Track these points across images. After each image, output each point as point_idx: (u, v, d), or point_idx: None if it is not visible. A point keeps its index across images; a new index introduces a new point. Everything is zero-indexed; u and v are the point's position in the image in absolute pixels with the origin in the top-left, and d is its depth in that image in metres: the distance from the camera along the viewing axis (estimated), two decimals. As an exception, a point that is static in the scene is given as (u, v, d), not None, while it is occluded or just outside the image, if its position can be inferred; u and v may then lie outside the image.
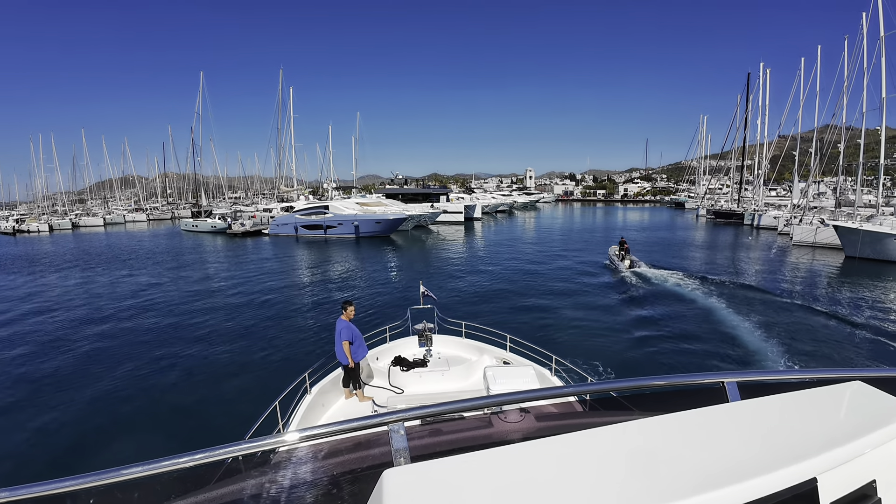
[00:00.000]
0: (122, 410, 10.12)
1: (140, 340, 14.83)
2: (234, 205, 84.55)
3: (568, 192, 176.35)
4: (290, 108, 64.56)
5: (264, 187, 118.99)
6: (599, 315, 17.04)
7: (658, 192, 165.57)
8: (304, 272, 27.53)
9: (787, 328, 15.49)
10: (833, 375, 1.92)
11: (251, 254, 36.21)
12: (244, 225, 52.07)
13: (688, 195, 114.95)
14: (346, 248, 38.59)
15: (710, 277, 23.85)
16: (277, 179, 73.87)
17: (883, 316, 17.30)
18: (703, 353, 13.23)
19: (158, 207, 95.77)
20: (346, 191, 76.38)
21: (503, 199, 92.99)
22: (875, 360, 13.00)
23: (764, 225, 50.28)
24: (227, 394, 10.80)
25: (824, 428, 1.43)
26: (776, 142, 58.53)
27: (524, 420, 2.25)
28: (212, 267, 29.87)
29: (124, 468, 1.47)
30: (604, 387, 2.35)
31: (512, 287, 22.45)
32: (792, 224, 38.60)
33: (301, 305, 19.03)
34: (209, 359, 13.02)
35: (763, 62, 60.25)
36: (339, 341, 7.22)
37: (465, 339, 9.22)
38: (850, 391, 1.69)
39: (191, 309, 18.64)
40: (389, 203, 52.79)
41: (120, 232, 62.75)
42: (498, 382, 5.93)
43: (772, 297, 20.44)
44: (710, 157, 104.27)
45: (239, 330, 15.67)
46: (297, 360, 12.56)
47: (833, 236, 33.09)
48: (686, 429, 1.47)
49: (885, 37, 31.35)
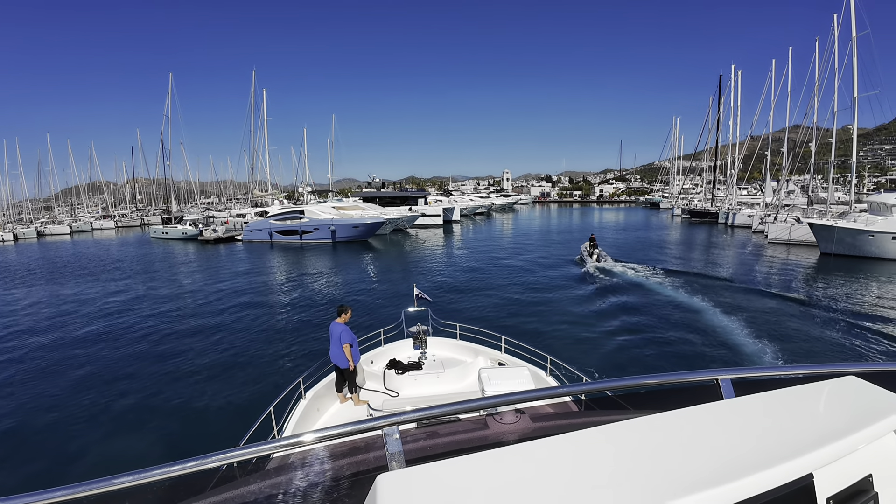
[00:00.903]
0: (91, 434, 9.28)
1: (110, 358, 13.68)
2: (206, 210, 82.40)
3: (545, 194, 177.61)
4: (264, 111, 63.01)
5: (238, 192, 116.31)
6: (565, 305, 18.70)
7: (633, 192, 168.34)
8: (281, 280, 26.37)
9: (767, 322, 15.67)
10: (826, 371, 1.93)
11: (224, 261, 34.73)
12: (216, 231, 50.31)
13: (662, 195, 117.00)
14: (322, 253, 37.44)
15: (687, 273, 25.19)
16: (251, 184, 71.86)
17: (862, 309, 17.64)
18: (672, 342, 13.93)
19: (127, 214, 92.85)
20: (322, 195, 74.68)
21: (481, 202, 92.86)
22: (858, 352, 13.09)
23: (738, 223, 51.13)
24: (209, 412, 10.04)
25: (819, 423, 1.43)
26: (748, 142, 59.75)
27: (520, 421, 2.23)
28: (183, 277, 28.39)
29: (115, 477, 1.45)
30: (599, 386, 2.26)
31: (492, 284, 23.09)
32: (767, 222, 39.13)
33: (279, 315, 18.02)
34: (186, 377, 12.01)
35: (734, 64, 61.49)
36: (339, 344, 7.14)
37: (459, 340, 9.12)
38: (843, 386, 1.69)
39: (162, 324, 17.44)
40: (366, 207, 51.73)
41: (87, 240, 60.33)
42: (492, 384, 5.85)
43: (750, 291, 20.83)
44: (684, 157, 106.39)
45: (217, 345, 14.61)
46: (280, 372, 11.83)
47: (808, 234, 33.62)
48: (681, 427, 1.47)
49: (857, 37, 32.03)
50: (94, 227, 78.93)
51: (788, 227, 36.20)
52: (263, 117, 63.18)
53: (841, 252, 30.16)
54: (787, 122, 48.90)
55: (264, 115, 63.25)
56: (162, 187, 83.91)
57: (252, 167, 67.13)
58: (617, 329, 15.22)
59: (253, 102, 62.93)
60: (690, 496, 1.10)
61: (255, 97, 63.08)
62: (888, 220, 29.02)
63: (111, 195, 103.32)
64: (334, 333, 7.30)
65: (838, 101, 34.93)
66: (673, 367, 11.92)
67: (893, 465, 1.45)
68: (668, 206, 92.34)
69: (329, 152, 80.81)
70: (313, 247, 41.57)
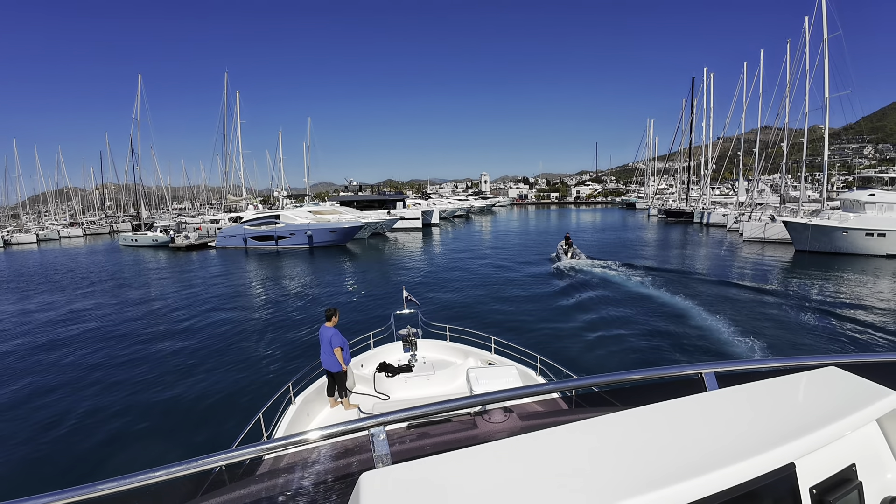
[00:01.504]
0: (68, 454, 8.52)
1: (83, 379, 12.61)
2: (178, 216, 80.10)
3: (522, 196, 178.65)
4: (237, 114, 61.18)
5: (212, 197, 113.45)
6: (543, 301, 19.54)
7: (608, 193, 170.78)
8: (256, 288, 25.36)
9: (747, 317, 15.82)
10: (808, 363, 1.94)
11: (197, 269, 33.35)
12: (188, 238, 48.67)
13: (637, 196, 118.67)
14: (299, 259, 36.39)
15: (665, 270, 25.79)
16: (225, 189, 69.86)
17: (839, 302, 18.04)
18: (649, 336, 14.26)
19: (96, 221, 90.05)
20: (298, 199, 73.26)
21: (460, 204, 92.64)
22: (839, 343, 13.22)
23: (713, 223, 51.96)
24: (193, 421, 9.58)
25: (801, 413, 1.44)
26: (721, 142, 60.91)
27: (508, 420, 2.22)
28: (153, 286, 27.04)
29: (100, 483, 1.42)
30: (585, 382, 2.18)
31: (475, 285, 23.24)
32: (742, 221, 39.71)
33: (251, 325, 17.13)
34: (157, 389, 11.10)
35: (707, 67, 62.55)
36: (329, 348, 7.10)
37: (449, 342, 9.15)
38: (825, 376, 1.70)
39: (130, 338, 16.38)
40: (344, 211, 50.68)
41: (55, 249, 57.99)
42: (480, 383, 5.86)
43: (728, 287, 21.08)
44: (658, 158, 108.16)
45: (192, 358, 13.68)
46: (262, 384, 11.05)
47: (782, 231, 34.19)
48: (665, 419, 1.48)
49: (829, 39, 32.73)
50: (61, 235, 76.30)
51: (763, 225, 36.79)
52: (237, 120, 61.39)
53: (815, 249, 30.70)
54: (759, 122, 50.01)
55: (237, 118, 61.47)
56: (132, 193, 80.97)
57: (225, 171, 65.17)
58: (593, 323, 15.59)
59: (225, 105, 61.10)
60: (675, 486, 1.10)
61: (228, 99, 61.27)
62: (861, 217, 29.68)
63: (80, 202, 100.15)
64: (324, 337, 7.23)
65: (809, 101, 35.68)
66: (649, 361, 12.27)
67: (876, 454, 1.47)
68: (643, 207, 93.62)
69: (305, 156, 79.38)
70: (290, 252, 40.43)
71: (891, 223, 29.25)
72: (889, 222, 29.30)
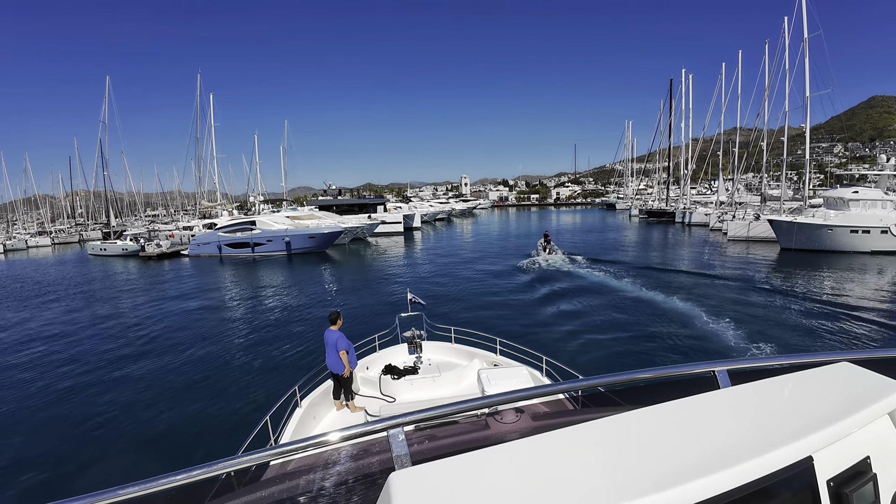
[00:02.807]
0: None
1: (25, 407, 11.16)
2: (151, 223, 77.15)
3: (503, 198, 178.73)
4: (211, 116, 58.98)
5: (187, 203, 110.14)
6: (517, 289, 21.52)
7: (588, 194, 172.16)
8: (230, 300, 23.88)
9: (741, 315, 15.81)
10: (820, 359, 1.93)
11: (169, 279, 31.53)
12: (160, 246, 46.45)
13: (617, 196, 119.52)
14: (277, 267, 34.84)
15: (652, 268, 26.75)
16: (199, 194, 67.36)
17: (832, 299, 18.21)
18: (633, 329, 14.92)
19: (64, 230, 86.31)
20: (276, 204, 71.03)
21: (441, 207, 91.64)
22: (840, 339, 13.28)
23: (695, 222, 52.13)
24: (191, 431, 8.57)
25: (816, 408, 1.46)
26: (700, 143, 61.32)
27: (520, 420, 2.26)
28: (118, 300, 25.29)
29: (120, 488, 1.44)
30: (595, 382, 2.17)
31: (463, 286, 23.50)
32: (726, 220, 39.68)
33: (228, 343, 15.81)
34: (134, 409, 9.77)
35: (685, 68, 63.16)
36: (335, 351, 7.07)
37: (454, 344, 9.10)
38: (838, 372, 1.71)
39: (83, 362, 14.90)
40: (323, 216, 49.00)
41: (22, 259, 55.41)
42: (492, 384, 5.82)
43: (717, 285, 21.06)
44: (637, 159, 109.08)
45: (149, 389, 12.34)
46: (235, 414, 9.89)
47: (766, 230, 34.19)
48: (680, 417, 1.48)
49: (809, 38, 32.82)
50: (29, 244, 73.39)
51: (747, 224, 36.78)
52: (211, 122, 59.20)
53: (801, 247, 30.66)
54: (738, 122, 50.39)
55: (211, 121, 59.28)
56: (103, 200, 77.70)
57: (199, 176, 62.88)
58: (592, 325, 15.67)
59: (198, 107, 58.91)
60: (693, 482, 1.11)
61: (201, 102, 59.16)
62: (845, 215, 29.75)
63: (50, 210, 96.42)
64: (329, 341, 7.20)
65: (789, 101, 35.82)
66: (651, 358, 12.39)
67: (889, 446, 1.49)
68: (624, 207, 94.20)
69: (282, 160, 77.35)
70: (267, 260, 38.78)
71: (874, 220, 29.42)
72: (872, 219, 29.46)
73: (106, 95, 57.01)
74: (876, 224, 29.32)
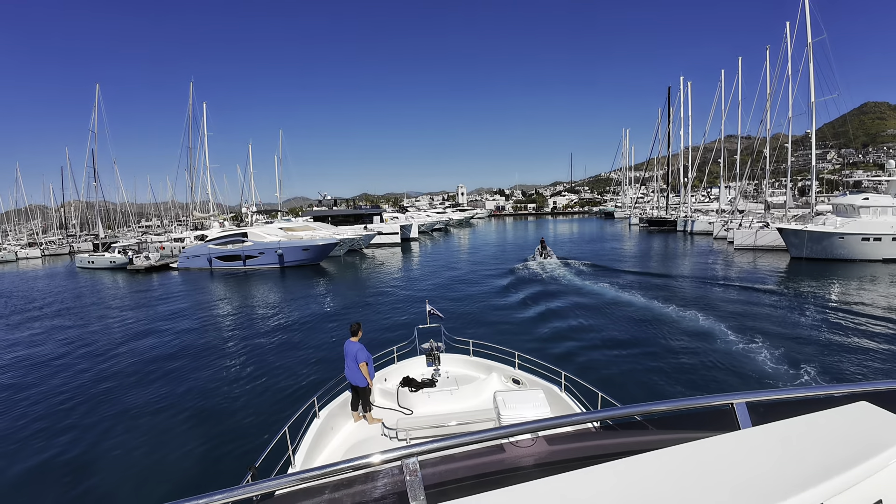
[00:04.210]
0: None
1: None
2: (144, 234, 75.84)
3: (500, 208, 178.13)
4: (204, 125, 57.69)
5: (182, 214, 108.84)
6: (518, 305, 21.22)
7: (585, 203, 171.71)
8: (218, 318, 22.59)
9: (769, 334, 14.57)
10: (840, 391, 1.96)
11: (156, 294, 30.08)
12: (149, 258, 45.11)
13: (615, 205, 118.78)
14: (269, 280, 33.54)
15: (658, 275, 26.94)
16: (191, 205, 66.01)
17: (855, 312, 17.30)
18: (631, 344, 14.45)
19: (55, 241, 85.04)
20: (271, 215, 69.76)
21: (439, 217, 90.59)
22: (863, 365, 12.10)
23: (698, 230, 51.18)
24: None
25: (831, 452, 1.48)
26: (701, 150, 60.63)
27: (535, 445, 2.28)
28: (104, 316, 23.95)
29: None
30: (612, 413, 2.19)
31: (468, 296, 23.43)
32: (732, 228, 38.72)
33: (212, 372, 14.54)
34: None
35: (683, 76, 62.48)
36: (355, 363, 7.08)
37: (473, 357, 9.07)
38: (855, 412, 1.73)
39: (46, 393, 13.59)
40: (318, 227, 47.74)
41: (11, 272, 53.88)
42: (508, 407, 5.68)
43: (737, 300, 19.89)
44: (635, 167, 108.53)
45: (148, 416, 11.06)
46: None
47: (775, 239, 33.25)
48: (696, 460, 1.53)
49: (813, 43, 32.12)
50: (18, 256, 72.46)
51: (754, 232, 35.82)
52: (203, 132, 57.88)
53: (812, 256, 29.70)
54: (739, 130, 49.70)
55: (204, 130, 57.91)
56: (95, 211, 76.37)
57: (192, 186, 61.60)
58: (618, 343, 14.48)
59: (190, 116, 57.68)
60: None
61: (194, 111, 58.03)
62: (857, 222, 28.85)
63: (44, 220, 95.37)
64: (350, 352, 7.20)
65: (793, 107, 35.06)
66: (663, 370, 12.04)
67: None
68: (622, 216, 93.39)
69: (277, 170, 76.30)
70: (259, 274, 37.40)
71: (885, 227, 28.56)
72: (884, 226, 28.61)
73: (96, 104, 55.86)
74: (888, 231, 28.46)
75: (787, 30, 34.66)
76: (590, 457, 1.71)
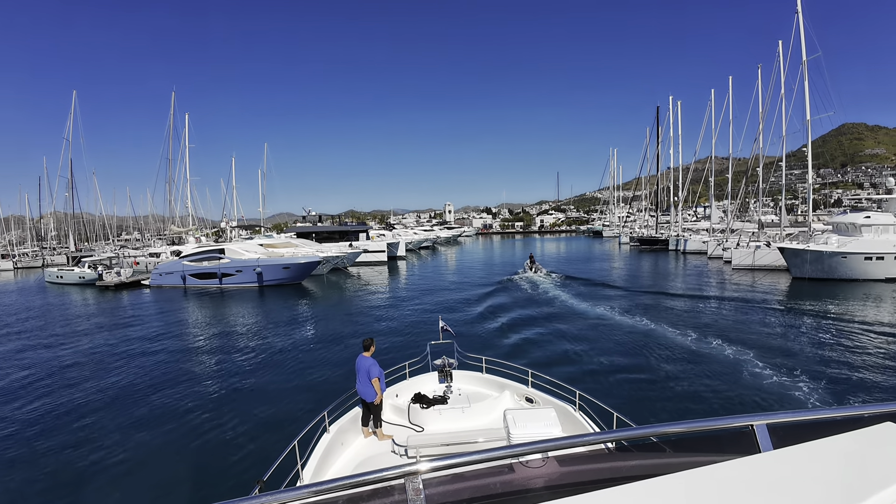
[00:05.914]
0: None
1: None
2: (121, 248, 73.02)
3: (487, 226, 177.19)
4: (186, 136, 55.74)
5: (163, 228, 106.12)
6: (519, 321, 21.12)
7: (573, 221, 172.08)
8: (187, 339, 20.54)
9: (786, 359, 13.78)
10: (864, 413, 1.89)
11: (122, 315, 27.74)
12: (119, 275, 42.58)
13: (603, 224, 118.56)
14: (246, 301, 31.43)
15: (654, 294, 26.57)
16: (169, 219, 63.66)
17: (869, 332, 16.93)
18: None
19: (28, 253, 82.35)
20: (253, 231, 67.50)
21: (426, 235, 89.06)
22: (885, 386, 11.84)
23: (690, 249, 50.32)
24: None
25: (855, 478, 1.45)
26: (692, 169, 60.34)
27: (546, 465, 2.19)
28: (51, 344, 21.70)
29: None
30: (624, 434, 2.12)
31: (460, 314, 22.53)
32: (730, 248, 37.82)
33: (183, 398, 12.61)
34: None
35: (672, 95, 62.45)
36: (367, 378, 6.99)
37: (485, 374, 8.96)
38: (881, 434, 1.67)
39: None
40: (300, 244, 45.54)
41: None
42: (518, 426, 5.64)
43: (748, 325, 18.73)
44: (623, 186, 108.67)
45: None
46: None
47: (775, 259, 32.37)
48: (717, 484, 1.48)
49: (808, 61, 31.71)
50: (-10, 269, 69.47)
51: (752, 252, 34.90)
52: (185, 143, 55.90)
53: (814, 276, 28.75)
54: (731, 149, 49.37)
55: (186, 141, 55.91)
56: (71, 223, 73.49)
57: (171, 200, 59.42)
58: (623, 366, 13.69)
59: (171, 126, 55.75)
60: None
61: (175, 121, 56.15)
62: (859, 241, 28.07)
63: (22, 230, 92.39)
64: (362, 367, 7.12)
65: (787, 125, 34.59)
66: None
67: None
68: (612, 235, 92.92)
69: (261, 184, 74.43)
70: (236, 293, 35.28)
71: (888, 245, 27.85)
72: (886, 244, 27.91)
73: (72, 112, 53.93)
74: (890, 250, 27.74)
75: (780, 48, 34.39)
76: (603, 479, 1.62)
